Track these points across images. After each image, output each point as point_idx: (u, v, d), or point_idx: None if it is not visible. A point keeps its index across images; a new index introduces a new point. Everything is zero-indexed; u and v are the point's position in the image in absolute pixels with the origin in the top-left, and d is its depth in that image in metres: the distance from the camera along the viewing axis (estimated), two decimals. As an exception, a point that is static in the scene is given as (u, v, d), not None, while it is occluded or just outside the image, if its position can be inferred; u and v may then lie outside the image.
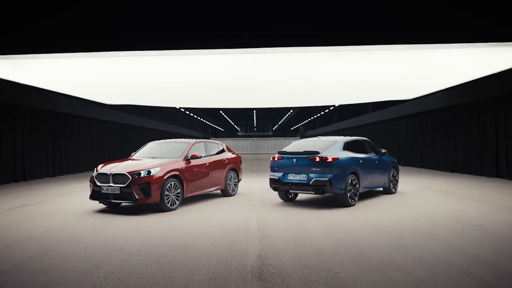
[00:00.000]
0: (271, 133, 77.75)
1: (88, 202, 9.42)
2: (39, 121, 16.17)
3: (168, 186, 8.41)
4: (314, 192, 8.60)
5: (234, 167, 10.94)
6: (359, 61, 9.52)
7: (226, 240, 5.96)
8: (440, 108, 18.57)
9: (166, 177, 8.40)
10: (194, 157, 9.38)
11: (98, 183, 8.35)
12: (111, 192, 8.19)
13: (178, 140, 10.41)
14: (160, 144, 10.12)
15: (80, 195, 11.02)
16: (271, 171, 9.38)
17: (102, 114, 21.78)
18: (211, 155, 10.21)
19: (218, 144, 10.97)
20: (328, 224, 7.00)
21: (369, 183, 9.60)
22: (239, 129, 78.79)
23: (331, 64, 9.88)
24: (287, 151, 9.24)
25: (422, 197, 10.21)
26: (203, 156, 9.79)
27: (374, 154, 10.14)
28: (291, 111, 49.20)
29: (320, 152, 8.68)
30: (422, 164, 20.43)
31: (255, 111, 51.90)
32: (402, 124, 23.54)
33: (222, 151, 10.82)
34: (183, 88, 13.53)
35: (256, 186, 13.05)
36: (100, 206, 8.96)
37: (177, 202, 8.62)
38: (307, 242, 5.76)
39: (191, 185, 9.16)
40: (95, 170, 8.62)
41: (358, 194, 9.03)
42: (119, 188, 8.12)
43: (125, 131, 25.94)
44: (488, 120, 15.14)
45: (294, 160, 8.87)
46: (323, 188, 8.43)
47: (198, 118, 51.52)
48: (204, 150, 10.07)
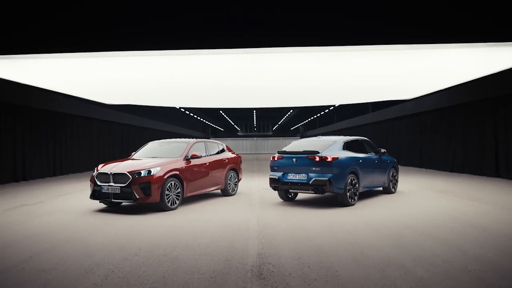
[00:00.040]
0: (271, 133, 77.77)
1: (88, 201, 9.45)
2: (39, 121, 16.19)
3: (168, 185, 8.43)
4: (314, 192, 8.62)
5: (234, 166, 10.96)
6: (359, 61, 9.53)
7: (226, 239, 5.98)
8: (439, 108, 18.60)
9: (166, 176, 8.42)
10: (194, 156, 9.40)
11: (99, 183, 8.38)
12: (112, 192, 8.21)
13: (178, 140, 10.44)
14: (160, 144, 10.14)
15: (81, 194, 11.04)
16: (271, 171, 9.40)
17: (102, 114, 21.80)
18: (211, 154, 10.23)
19: (218, 144, 10.99)
20: (327, 223, 7.02)
21: (368, 182, 9.62)
22: (239, 129, 78.81)
23: (331, 64, 9.89)
24: (287, 150, 9.25)
25: (421, 196, 10.22)
26: (203, 155, 9.81)
27: (373, 154, 10.16)
28: (291, 111, 49.21)
29: (320, 151, 8.70)
30: (422, 164, 20.45)
31: (255, 111, 51.90)
32: (402, 124, 23.55)
33: (222, 150, 10.84)
34: (183, 88, 13.53)
35: (256, 185, 13.07)
36: (101, 206, 8.98)
37: (177, 202, 8.64)
38: (307, 241, 5.78)
39: (191, 184, 9.18)
40: (96, 170, 8.64)
41: (357, 193, 9.05)
42: (119, 187, 8.14)
43: (125, 131, 25.96)
44: (487, 120, 15.16)
45: (294, 159, 8.89)
46: (323, 188, 8.45)
47: (198, 118, 51.54)
48: (204, 149, 10.09)
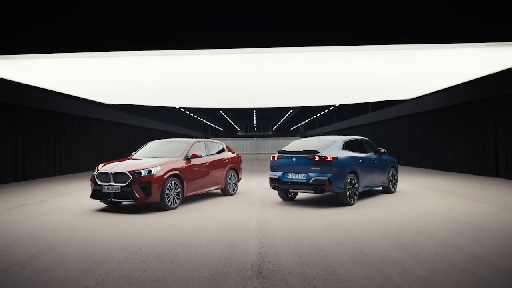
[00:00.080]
0: (271, 133, 77.79)
1: (89, 201, 9.47)
2: (40, 121, 16.21)
3: (168, 185, 8.45)
4: (313, 191, 8.64)
5: (234, 166, 10.98)
6: (359, 61, 9.55)
7: (226, 238, 6.00)
8: (439, 108, 18.62)
9: (166, 176, 8.44)
10: (195, 156, 9.42)
11: (99, 182, 8.40)
12: (112, 191, 8.23)
13: (178, 139, 10.46)
14: (160, 144, 10.16)
15: (81, 194, 11.06)
16: (271, 170, 9.42)
17: (102, 114, 21.84)
18: (211, 154, 10.25)
19: (218, 143, 11.01)
20: (327, 222, 7.05)
21: (368, 182, 9.64)
22: (239, 129, 78.82)
23: (331, 64, 9.91)
24: (287, 150, 9.27)
25: (421, 196, 10.25)
26: (203, 155, 9.83)
27: (373, 154, 10.18)
28: (291, 111, 49.24)
29: (319, 151, 8.72)
30: (422, 163, 20.48)
31: (255, 111, 51.93)
32: (401, 124, 23.58)
33: (222, 150, 10.86)
34: (183, 88, 13.56)
35: (256, 185, 13.09)
36: (101, 205, 9.01)
37: (177, 201, 8.67)
38: (306, 240, 5.80)
39: (191, 184, 9.20)
40: (96, 169, 8.67)
41: (357, 193, 9.07)
42: (120, 187, 8.16)
43: (125, 131, 25.99)
44: (487, 120, 15.18)
45: (294, 159, 8.91)
46: (323, 187, 8.47)
47: (198, 118, 51.56)
48: (204, 149, 10.12)
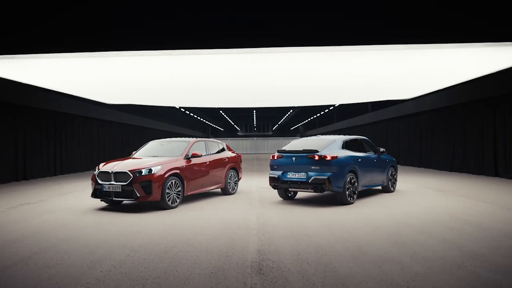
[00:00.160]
0: (271, 133, 77.85)
1: (89, 200, 9.52)
2: (40, 120, 16.26)
3: (169, 184, 8.50)
4: (313, 190, 8.68)
5: (234, 166, 11.03)
6: (359, 61, 9.59)
7: (226, 236, 6.05)
8: (439, 108, 18.68)
9: (167, 175, 8.49)
10: (195, 155, 9.46)
11: (100, 181, 8.45)
12: (113, 190, 8.28)
13: (179, 139, 10.50)
14: (161, 143, 10.21)
15: (82, 193, 11.11)
16: (271, 170, 9.46)
17: (103, 114, 21.89)
18: (211, 154, 10.30)
19: (218, 143, 11.06)
20: (327, 221, 7.09)
21: (367, 181, 9.69)
22: (239, 129, 78.88)
23: (330, 64, 9.95)
24: (287, 149, 9.32)
25: (420, 195, 10.30)
26: (203, 155, 9.88)
27: (372, 153, 10.23)
28: (291, 111, 49.28)
29: (319, 150, 8.77)
30: (421, 163, 20.53)
31: (255, 111, 52.01)
32: (401, 123, 23.63)
33: (222, 150, 10.91)
34: (183, 88, 13.60)
35: (256, 185, 13.14)
36: (102, 204, 9.06)
37: (177, 200, 8.71)
38: (306, 239, 5.85)
39: (191, 183, 9.25)
40: (97, 169, 8.71)
41: (356, 192, 9.11)
42: (120, 186, 8.21)
43: (125, 130, 26.04)
44: (486, 119, 15.23)
45: (294, 158, 8.95)
46: (322, 186, 8.52)
47: (198, 118, 51.61)
48: (205, 149, 10.16)
